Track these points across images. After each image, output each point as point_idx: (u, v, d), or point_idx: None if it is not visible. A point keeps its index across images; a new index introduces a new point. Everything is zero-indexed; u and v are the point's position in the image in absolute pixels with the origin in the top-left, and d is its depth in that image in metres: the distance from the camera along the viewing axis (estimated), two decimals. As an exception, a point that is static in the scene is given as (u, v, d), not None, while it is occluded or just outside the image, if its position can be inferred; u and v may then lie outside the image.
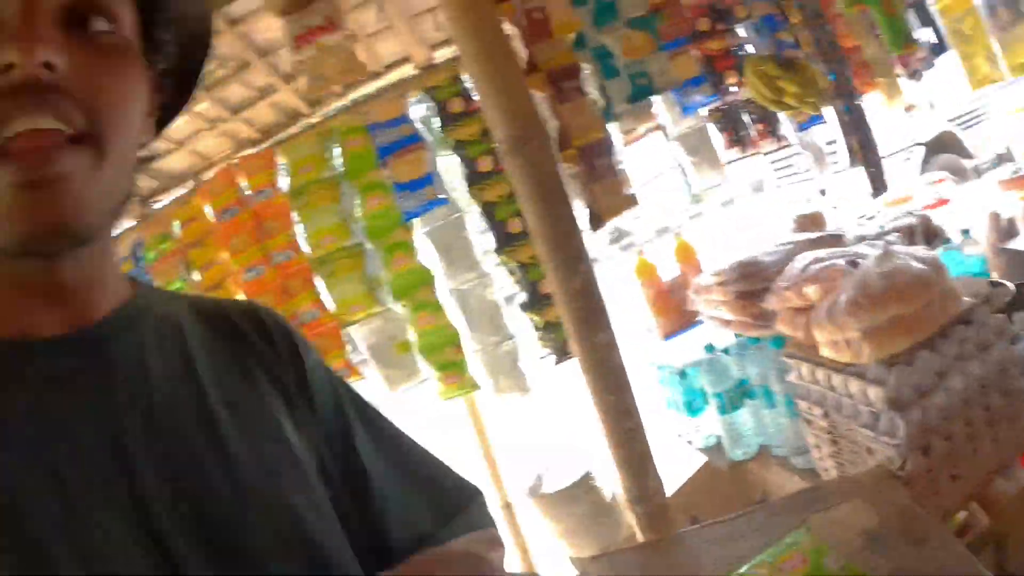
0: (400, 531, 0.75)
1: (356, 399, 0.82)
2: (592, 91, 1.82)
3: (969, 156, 6.19)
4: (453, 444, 2.77)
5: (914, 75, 3.10)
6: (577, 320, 1.70)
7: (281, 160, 2.71)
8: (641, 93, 1.80)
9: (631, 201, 1.78)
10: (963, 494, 1.31)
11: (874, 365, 1.29)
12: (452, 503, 0.82)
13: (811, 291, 1.48)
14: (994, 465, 1.33)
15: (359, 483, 0.76)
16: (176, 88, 0.73)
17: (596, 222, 1.77)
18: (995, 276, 1.83)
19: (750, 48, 2.78)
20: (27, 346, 0.59)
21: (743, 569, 1.01)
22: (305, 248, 2.68)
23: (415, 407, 3.19)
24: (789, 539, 1.02)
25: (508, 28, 1.69)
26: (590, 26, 1.74)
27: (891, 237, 1.88)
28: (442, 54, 3.28)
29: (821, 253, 1.59)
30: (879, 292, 1.26)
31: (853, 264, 1.44)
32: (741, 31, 2.78)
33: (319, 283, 2.68)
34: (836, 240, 1.84)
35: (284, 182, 2.74)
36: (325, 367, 0.81)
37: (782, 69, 2.17)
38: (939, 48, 3.24)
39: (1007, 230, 2.06)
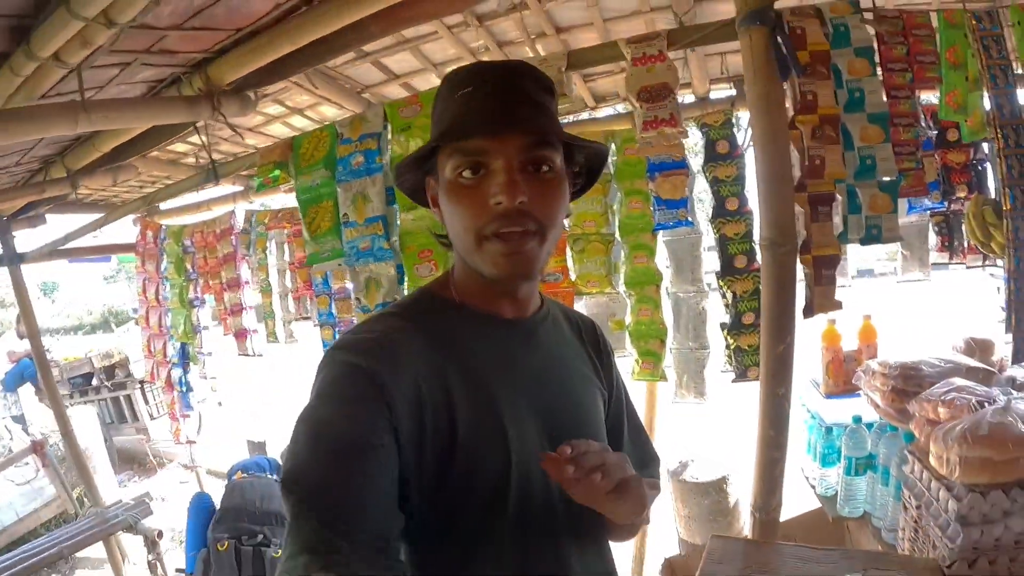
0: None
1: (623, 384, 1.40)
2: (836, 216, 2.22)
3: None
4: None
5: None
6: (768, 374, 2.17)
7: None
8: (871, 239, 2.12)
9: (838, 305, 2.18)
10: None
11: (960, 485, 1.64)
12: (648, 459, 1.42)
13: (942, 412, 1.86)
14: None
15: (619, 433, 1.35)
16: (582, 181, 1.20)
17: (808, 312, 2.18)
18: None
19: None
20: (497, 319, 1.13)
21: (810, 583, 1.55)
22: (566, 223, 3.22)
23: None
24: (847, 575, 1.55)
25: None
26: (851, 177, 2.12)
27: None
28: (717, 91, 3.71)
29: (967, 384, 1.95)
30: (981, 436, 1.61)
31: (981, 404, 1.79)
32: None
33: (569, 254, 3.22)
34: (988, 376, 2.14)
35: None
36: (613, 361, 1.38)
37: (998, 218, 2.35)
38: None
39: None
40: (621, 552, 3.83)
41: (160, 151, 4.40)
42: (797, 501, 2.83)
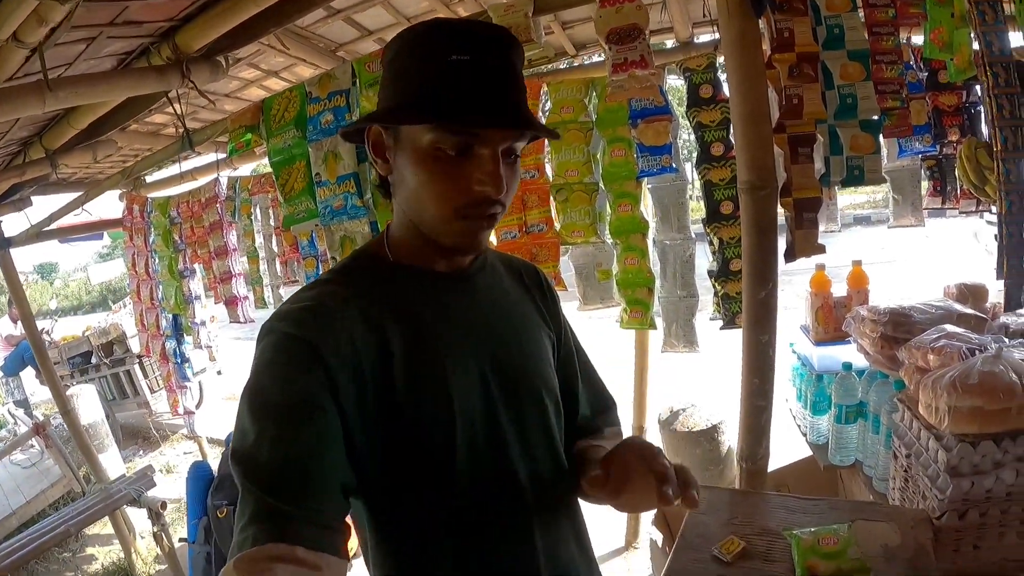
0: (581, 409, 1.37)
1: (571, 328, 1.41)
2: (818, 158, 2.15)
3: None
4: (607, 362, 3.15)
5: None
6: (752, 320, 2.14)
7: (544, 90, 3.16)
8: (853, 181, 2.06)
9: (821, 249, 2.14)
10: (977, 563, 1.57)
11: (949, 435, 1.59)
12: (604, 405, 1.44)
13: (932, 359, 1.80)
14: (1012, 556, 1.57)
15: (572, 376, 1.37)
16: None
17: (789, 256, 2.14)
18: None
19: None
20: (432, 273, 1.14)
21: (795, 531, 1.54)
22: (548, 173, 3.17)
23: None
24: (835, 526, 1.53)
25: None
26: (832, 117, 2.07)
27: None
28: (701, 35, 3.60)
29: (958, 331, 1.88)
30: (971, 384, 1.55)
31: (972, 352, 1.72)
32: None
33: (552, 204, 3.18)
34: (980, 323, 2.07)
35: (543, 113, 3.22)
36: (560, 305, 1.40)
37: (992, 161, 2.29)
38: None
39: None
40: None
41: (139, 124, 4.35)
42: (790, 448, 2.81)
